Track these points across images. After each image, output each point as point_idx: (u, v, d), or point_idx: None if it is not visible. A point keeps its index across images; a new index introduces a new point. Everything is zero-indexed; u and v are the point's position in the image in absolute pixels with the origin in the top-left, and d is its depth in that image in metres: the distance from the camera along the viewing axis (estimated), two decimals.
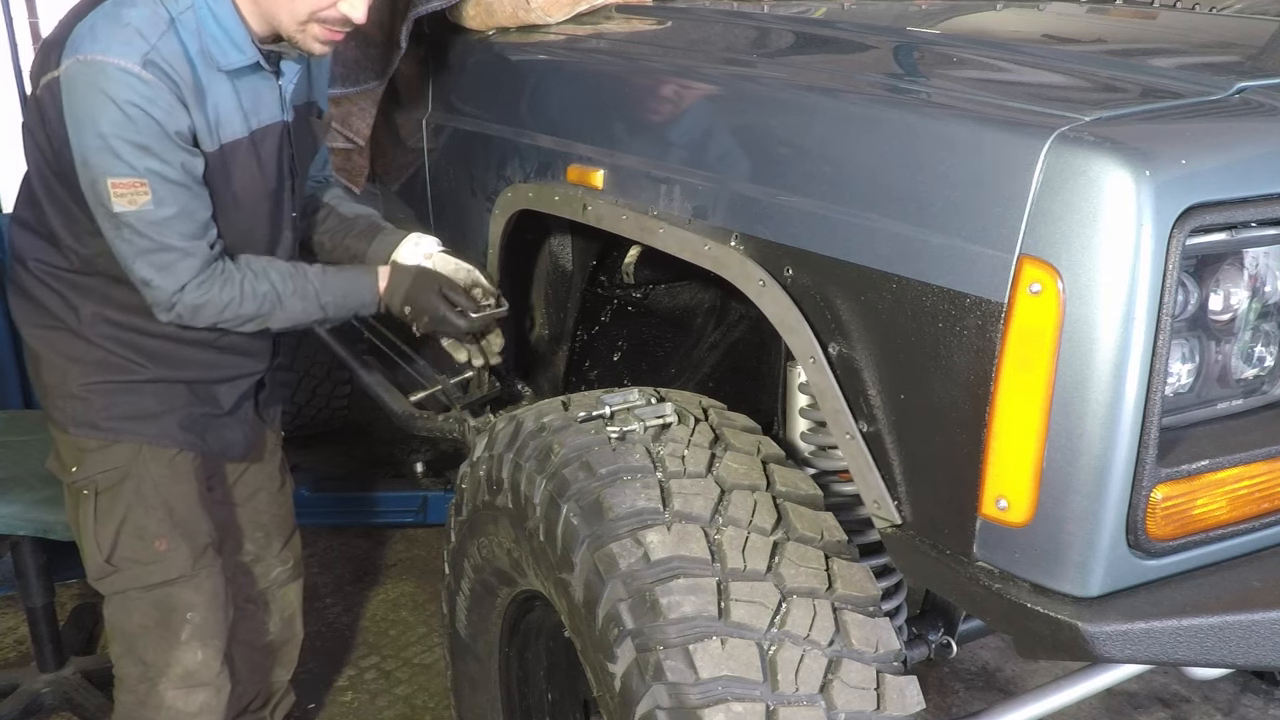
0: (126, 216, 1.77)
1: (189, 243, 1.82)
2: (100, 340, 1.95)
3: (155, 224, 1.78)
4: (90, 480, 1.98)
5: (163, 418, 1.99)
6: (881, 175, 1.39)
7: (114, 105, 1.70)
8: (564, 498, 1.59)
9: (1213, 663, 1.27)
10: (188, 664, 2.04)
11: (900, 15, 2.19)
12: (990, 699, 2.78)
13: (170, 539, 2.00)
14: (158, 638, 2.02)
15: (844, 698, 1.41)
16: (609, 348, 2.43)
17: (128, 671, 2.06)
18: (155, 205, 1.76)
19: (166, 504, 2.00)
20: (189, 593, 2.03)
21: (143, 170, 1.74)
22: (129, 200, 1.75)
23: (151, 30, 1.73)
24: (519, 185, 2.08)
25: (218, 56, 1.81)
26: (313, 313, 1.99)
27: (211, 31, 1.80)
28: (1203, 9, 2.26)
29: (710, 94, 1.71)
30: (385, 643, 3.05)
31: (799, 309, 1.50)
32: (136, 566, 1.99)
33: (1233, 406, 1.37)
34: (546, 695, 2.06)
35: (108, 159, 1.73)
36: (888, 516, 1.44)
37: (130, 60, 1.70)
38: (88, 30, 1.73)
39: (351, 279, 2.05)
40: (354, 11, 1.83)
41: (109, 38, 1.71)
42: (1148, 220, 1.15)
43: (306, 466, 3.89)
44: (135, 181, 1.74)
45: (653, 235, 1.72)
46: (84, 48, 1.71)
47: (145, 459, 1.98)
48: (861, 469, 1.46)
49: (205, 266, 1.85)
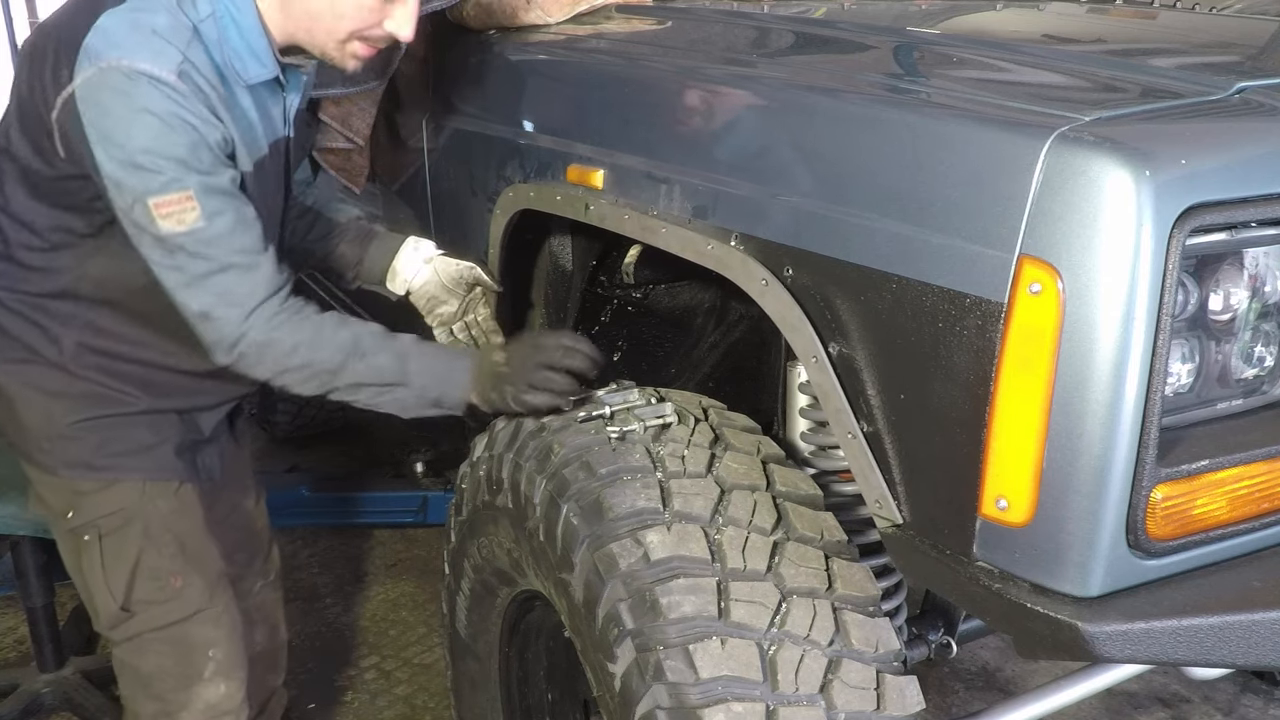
0: (177, 238, 1.58)
1: (249, 257, 1.64)
2: (86, 372, 1.78)
3: (208, 241, 1.60)
4: (92, 525, 1.82)
5: (158, 449, 1.84)
6: (881, 175, 1.39)
7: (150, 115, 1.53)
8: (564, 498, 1.59)
9: (1213, 663, 1.27)
10: (210, 699, 1.92)
11: (900, 15, 2.20)
12: (990, 699, 2.78)
13: (184, 574, 1.86)
14: (177, 676, 1.90)
15: (844, 698, 1.41)
16: (609, 348, 2.43)
17: (143, 709, 1.93)
18: (207, 220, 1.59)
19: (177, 540, 1.86)
20: (209, 629, 1.90)
21: (190, 184, 1.57)
22: (177, 220, 1.57)
23: (178, 39, 1.57)
24: (520, 185, 2.08)
25: (240, 70, 1.67)
26: (393, 374, 1.73)
27: (233, 43, 1.65)
28: (1203, 9, 2.26)
29: (710, 94, 1.71)
30: (385, 643, 3.05)
31: (801, 308, 1.50)
32: (155, 608, 1.85)
33: (1233, 406, 1.37)
34: (546, 695, 2.06)
35: (146, 177, 1.56)
36: (889, 516, 1.44)
37: (162, 68, 1.53)
38: (104, 37, 1.54)
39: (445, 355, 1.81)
40: (401, 30, 1.68)
41: (135, 45, 1.54)
42: (1148, 220, 1.15)
43: (306, 466, 3.90)
44: (180, 197, 1.57)
45: (655, 235, 1.72)
46: (105, 54, 1.53)
47: (151, 496, 1.83)
48: (863, 469, 1.46)
49: (274, 291, 1.67)
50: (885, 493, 1.44)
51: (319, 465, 3.95)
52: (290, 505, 3.48)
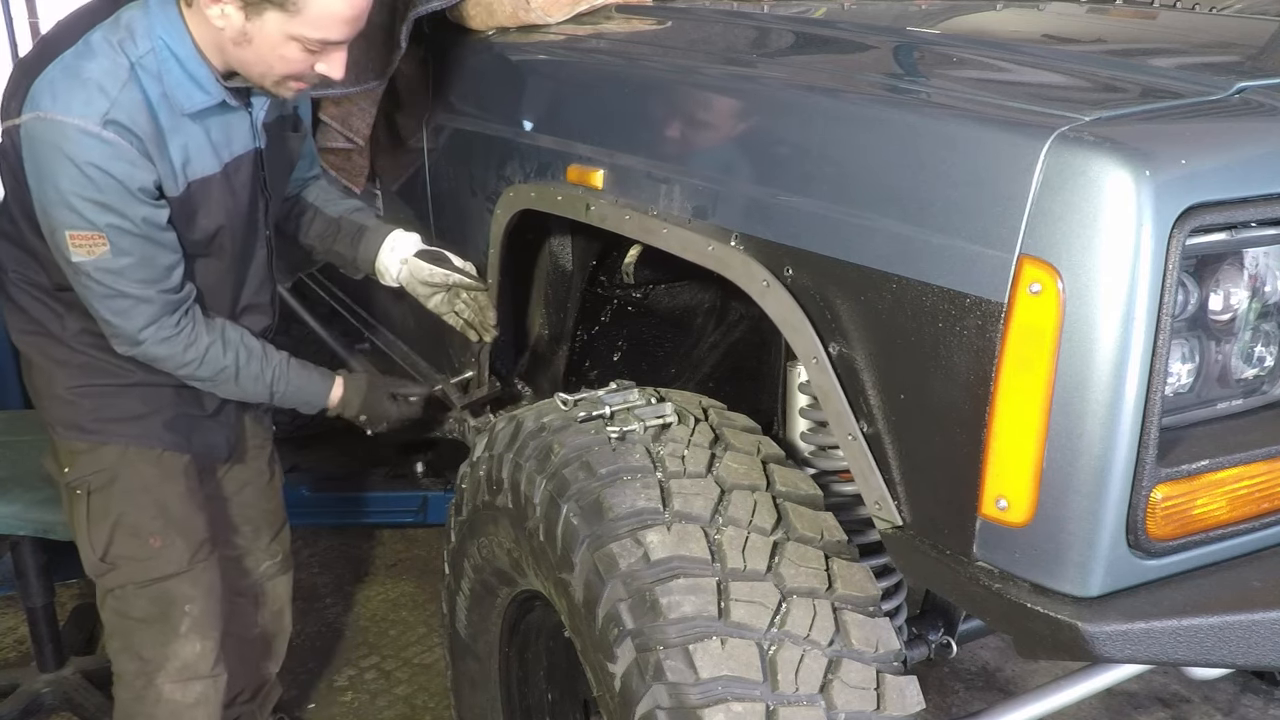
0: (84, 265, 1.78)
1: (146, 289, 1.83)
2: (84, 348, 1.97)
3: (112, 273, 1.80)
4: (83, 481, 2.01)
5: (148, 419, 2.02)
6: (881, 175, 1.39)
7: (73, 165, 1.70)
8: (564, 498, 1.59)
9: (1213, 663, 1.27)
10: (185, 656, 2.06)
11: (900, 15, 2.19)
12: (990, 699, 2.78)
13: (165, 536, 2.02)
14: (156, 632, 2.05)
15: (844, 698, 1.41)
16: (609, 348, 2.43)
17: (125, 668, 2.08)
18: (114, 255, 1.78)
19: (158, 502, 2.02)
20: (186, 586, 2.05)
21: (102, 225, 1.75)
22: (86, 250, 1.77)
23: (112, 83, 1.71)
24: (520, 185, 2.08)
25: (181, 100, 1.79)
26: (261, 396, 2.08)
27: (174, 74, 1.78)
28: (1203, 9, 2.26)
29: (710, 94, 1.71)
30: (385, 643, 3.05)
31: (802, 309, 1.50)
32: (133, 563, 2.02)
33: (1233, 406, 1.37)
34: (546, 695, 2.06)
35: (66, 213, 1.74)
36: (889, 517, 1.44)
37: (90, 121, 1.69)
38: (48, 86, 1.71)
39: (310, 381, 2.15)
40: (332, 72, 1.82)
41: (69, 95, 1.70)
42: (1147, 220, 1.15)
43: (306, 466, 3.89)
44: (94, 234, 1.75)
45: (655, 236, 1.72)
46: (43, 104, 1.70)
47: (131, 459, 2.00)
48: (863, 469, 1.46)
49: (167, 313, 1.88)
50: (885, 494, 1.44)
51: (319, 465, 3.94)
52: (290, 505, 3.43)
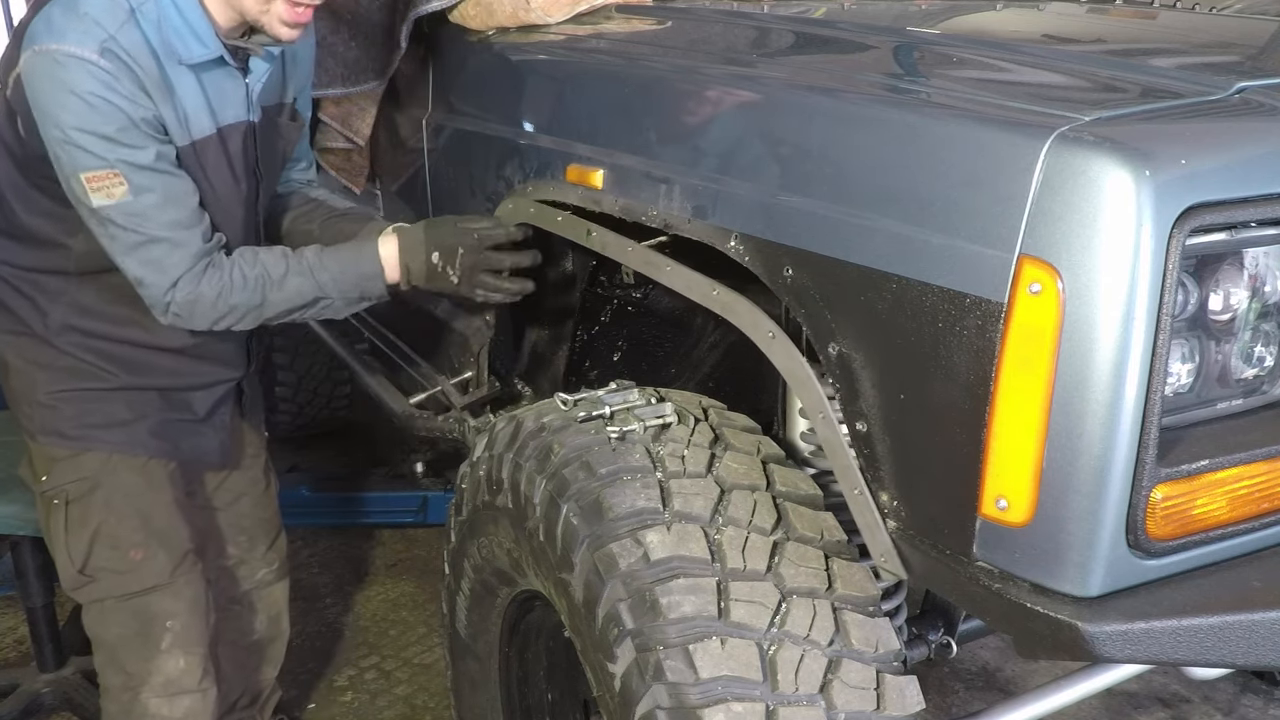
0: (107, 211, 1.70)
1: (177, 232, 1.74)
2: (69, 348, 1.89)
3: (137, 215, 1.71)
4: (60, 490, 1.93)
5: (133, 425, 1.94)
6: (881, 175, 1.39)
7: (74, 96, 1.64)
8: (564, 498, 1.59)
9: (1213, 663, 1.27)
10: (169, 672, 2.00)
11: (900, 15, 2.19)
12: (990, 699, 2.78)
13: (146, 548, 1.95)
14: (138, 646, 1.98)
15: (844, 698, 1.41)
16: (609, 348, 2.43)
17: (110, 681, 2.02)
18: (134, 195, 1.69)
19: (140, 513, 1.95)
20: (168, 600, 1.98)
21: (114, 161, 1.67)
22: (106, 194, 1.68)
23: (110, 19, 1.67)
24: (520, 198, 2.06)
25: (179, 49, 1.75)
26: (310, 291, 1.85)
27: (173, 22, 1.73)
28: (1203, 9, 2.26)
29: (710, 94, 1.71)
30: (385, 643, 3.05)
31: (810, 363, 1.50)
32: (112, 576, 1.95)
33: (1233, 406, 1.37)
34: (546, 695, 2.06)
35: (76, 153, 1.67)
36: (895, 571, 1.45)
37: (86, 48, 1.64)
38: (44, 21, 1.67)
39: (350, 251, 1.91)
40: None
41: (65, 27, 1.65)
42: (1147, 220, 1.15)
43: (306, 466, 3.90)
44: (108, 173, 1.67)
45: (659, 273, 1.72)
46: (40, 39, 1.66)
47: (115, 468, 1.92)
48: (869, 524, 1.46)
49: (198, 259, 1.77)
50: (890, 549, 1.44)
51: (319, 465, 3.95)
52: (290, 505, 3.45)
